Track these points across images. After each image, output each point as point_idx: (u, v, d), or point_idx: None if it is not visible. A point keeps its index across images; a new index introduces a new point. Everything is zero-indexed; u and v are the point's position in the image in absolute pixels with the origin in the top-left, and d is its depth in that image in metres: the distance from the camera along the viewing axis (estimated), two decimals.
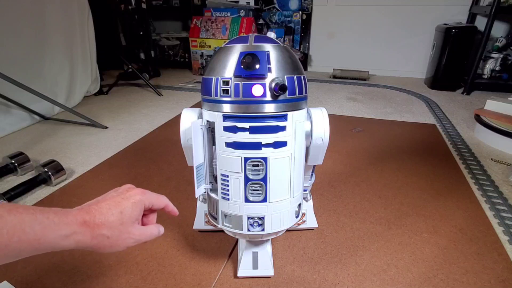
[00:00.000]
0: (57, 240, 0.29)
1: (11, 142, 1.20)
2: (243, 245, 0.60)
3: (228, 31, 2.13)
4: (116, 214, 0.34)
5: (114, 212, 0.34)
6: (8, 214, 0.26)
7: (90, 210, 0.33)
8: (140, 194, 0.37)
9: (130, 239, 0.35)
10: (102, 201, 0.35)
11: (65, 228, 0.30)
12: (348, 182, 0.91)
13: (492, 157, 1.06)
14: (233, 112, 0.42)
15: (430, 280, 0.58)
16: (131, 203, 0.36)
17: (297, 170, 0.47)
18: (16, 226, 0.26)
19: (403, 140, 1.19)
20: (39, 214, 0.28)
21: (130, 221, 0.35)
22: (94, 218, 0.32)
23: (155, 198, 0.39)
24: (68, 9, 1.51)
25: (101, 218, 0.33)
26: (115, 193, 0.36)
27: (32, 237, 0.27)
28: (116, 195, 0.36)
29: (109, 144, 1.18)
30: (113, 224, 0.33)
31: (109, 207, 0.34)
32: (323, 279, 0.59)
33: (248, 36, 0.44)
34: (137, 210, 0.36)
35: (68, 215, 0.31)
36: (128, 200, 0.36)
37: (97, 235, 0.32)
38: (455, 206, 0.80)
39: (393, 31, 2.16)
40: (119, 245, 0.34)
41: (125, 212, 0.35)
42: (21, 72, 1.29)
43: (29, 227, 0.27)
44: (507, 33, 1.94)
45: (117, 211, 0.34)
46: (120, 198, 0.35)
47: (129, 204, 0.35)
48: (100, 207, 0.34)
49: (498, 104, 1.19)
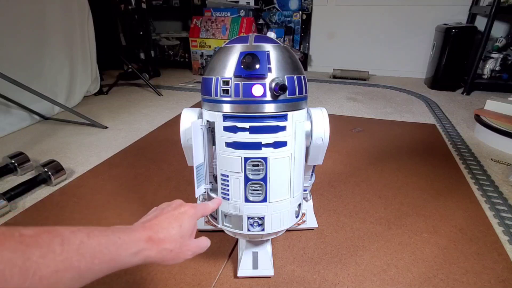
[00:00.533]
0: (128, 258, 0.30)
1: (11, 142, 1.20)
2: (243, 245, 0.60)
3: (228, 31, 2.13)
4: (176, 228, 0.36)
5: (175, 226, 0.36)
6: (88, 238, 0.27)
7: (152, 226, 0.34)
8: (193, 208, 0.40)
9: (189, 251, 0.37)
10: (160, 215, 0.37)
11: (135, 246, 0.31)
12: (348, 182, 0.91)
13: (492, 157, 1.06)
14: (233, 112, 0.42)
15: (430, 280, 0.58)
16: (188, 217, 0.38)
17: (297, 170, 0.47)
18: (96, 248, 0.27)
19: (403, 140, 1.19)
20: (112, 235, 0.29)
21: (188, 234, 0.37)
22: (158, 233, 0.34)
23: (203, 209, 0.43)
24: (68, 9, 1.51)
25: (164, 233, 0.34)
26: (170, 208, 0.38)
27: (108, 258, 0.28)
28: (172, 210, 0.38)
29: (109, 144, 1.18)
30: (174, 237, 0.35)
31: (169, 222, 0.36)
32: (323, 279, 0.59)
33: (248, 36, 0.44)
34: (193, 223, 0.38)
35: (135, 232, 0.32)
36: (185, 215, 0.38)
37: (161, 250, 0.34)
38: (455, 206, 0.80)
39: (393, 31, 2.16)
40: (180, 257, 0.36)
41: (183, 225, 0.37)
42: (21, 72, 1.29)
43: (105, 248, 0.28)
44: (507, 33, 1.94)
45: (177, 225, 0.36)
46: (178, 213, 0.37)
47: (186, 218, 0.38)
48: (161, 222, 0.35)
49: (498, 104, 1.19)
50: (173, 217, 0.37)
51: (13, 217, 0.77)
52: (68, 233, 0.26)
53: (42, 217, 0.76)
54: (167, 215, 0.37)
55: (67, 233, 0.26)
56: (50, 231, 0.25)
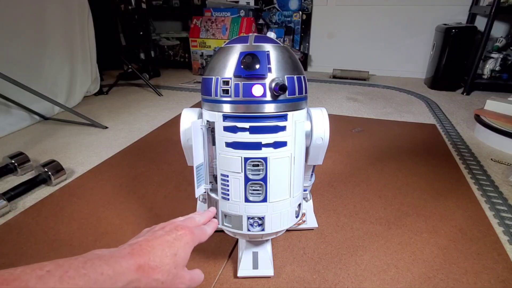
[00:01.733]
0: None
1: (11, 142, 1.20)
2: (243, 245, 0.60)
3: (228, 31, 2.13)
4: (170, 257, 0.31)
5: (169, 254, 0.31)
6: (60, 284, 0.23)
7: (142, 252, 0.30)
8: (190, 233, 0.35)
9: (182, 284, 0.33)
10: (152, 239, 0.32)
11: (121, 279, 0.27)
12: (348, 182, 0.91)
13: (492, 157, 1.06)
14: (233, 112, 0.42)
15: (430, 280, 0.58)
16: (183, 244, 0.33)
17: (297, 170, 0.47)
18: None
19: (403, 140, 1.19)
20: (92, 272, 0.25)
21: (182, 264, 0.33)
22: (149, 260, 0.30)
23: (201, 235, 0.37)
24: (68, 9, 1.51)
25: (156, 261, 0.30)
26: (163, 232, 0.34)
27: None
28: (165, 234, 0.33)
29: (109, 144, 1.18)
30: (167, 267, 0.31)
31: (163, 248, 0.31)
32: (323, 279, 0.59)
33: (248, 36, 0.44)
34: (188, 251, 0.34)
35: (121, 262, 0.28)
36: (180, 241, 0.33)
37: (151, 281, 0.29)
38: (455, 206, 0.80)
39: (393, 31, 2.16)
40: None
41: (178, 254, 0.32)
42: (21, 72, 1.28)
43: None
44: (507, 33, 1.94)
45: (172, 253, 0.32)
46: (172, 238, 0.33)
47: (181, 245, 0.33)
48: (153, 248, 0.31)
49: (498, 104, 1.19)
50: (167, 243, 0.32)
51: (13, 217, 0.77)
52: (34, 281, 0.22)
53: (42, 217, 0.76)
54: (161, 240, 0.32)
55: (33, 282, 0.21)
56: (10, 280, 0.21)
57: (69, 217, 0.77)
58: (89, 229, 0.72)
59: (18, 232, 0.72)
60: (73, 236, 0.70)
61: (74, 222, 0.75)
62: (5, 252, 0.66)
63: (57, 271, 0.23)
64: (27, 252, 0.66)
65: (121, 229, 0.72)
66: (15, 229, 0.73)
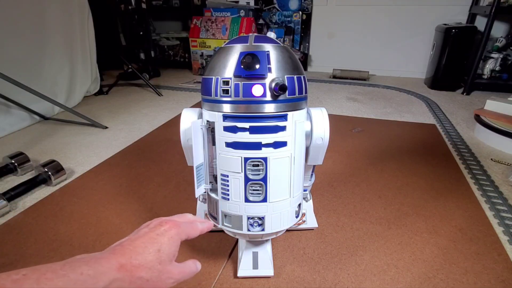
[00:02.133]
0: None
1: (11, 142, 1.20)
2: (243, 245, 0.60)
3: (228, 31, 2.13)
4: (154, 253, 0.30)
5: (151, 251, 0.30)
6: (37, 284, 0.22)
7: (124, 251, 0.29)
8: (175, 227, 0.33)
9: (170, 279, 0.32)
10: (135, 239, 0.31)
11: (103, 278, 0.26)
12: (348, 182, 0.91)
13: (492, 157, 1.06)
14: (233, 112, 0.42)
15: (430, 280, 0.58)
16: (168, 239, 0.32)
17: (297, 170, 0.47)
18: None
19: (403, 140, 1.19)
20: (71, 273, 0.24)
21: (168, 259, 0.32)
22: (131, 259, 0.29)
23: (189, 228, 0.36)
24: (68, 9, 1.51)
25: (138, 259, 0.29)
26: (147, 229, 0.33)
27: None
28: (149, 231, 0.32)
29: (109, 144, 1.18)
30: (151, 264, 0.30)
31: (145, 246, 0.30)
32: (323, 279, 0.59)
33: (248, 36, 0.44)
34: (174, 245, 0.33)
35: (102, 262, 0.27)
36: (163, 236, 0.32)
37: (135, 279, 0.28)
38: (455, 206, 0.80)
39: (393, 31, 2.16)
40: (160, 287, 0.31)
41: (162, 249, 0.31)
42: (21, 72, 1.28)
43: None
44: (507, 33, 1.94)
45: (154, 249, 0.31)
46: (155, 234, 0.32)
47: (165, 240, 0.32)
48: (135, 246, 0.30)
49: (498, 104, 1.19)
50: (150, 240, 0.31)
51: (13, 217, 0.77)
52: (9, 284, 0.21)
53: (42, 217, 0.76)
54: (144, 238, 0.31)
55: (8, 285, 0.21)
56: None
57: (69, 217, 0.77)
58: (89, 229, 0.72)
59: (18, 232, 0.72)
60: (73, 236, 0.70)
61: (74, 222, 0.75)
62: (5, 252, 0.66)
63: (33, 274, 0.23)
64: (27, 252, 0.66)
65: (121, 229, 0.72)
66: (15, 229, 0.73)
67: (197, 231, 0.37)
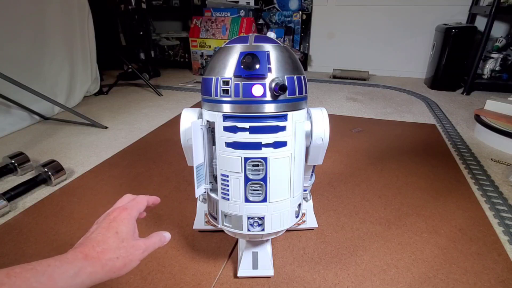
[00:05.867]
0: (68, 282, 0.27)
1: (11, 142, 1.20)
2: (243, 245, 0.60)
3: (228, 31, 2.13)
4: (113, 237, 0.33)
5: (110, 235, 0.33)
6: (8, 278, 0.24)
7: (85, 244, 0.31)
8: (122, 211, 0.36)
9: (138, 250, 0.34)
10: (91, 234, 0.33)
11: (71, 267, 0.28)
12: (348, 182, 0.91)
13: (492, 157, 1.06)
14: (233, 112, 0.42)
15: (430, 280, 0.58)
16: (121, 221, 0.34)
17: (297, 170, 0.47)
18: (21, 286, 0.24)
19: (403, 140, 1.19)
20: (39, 266, 0.26)
21: (129, 237, 0.34)
22: (93, 248, 0.31)
23: (136, 204, 0.38)
24: (68, 9, 1.51)
25: (101, 245, 0.31)
26: (97, 225, 0.35)
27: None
28: (101, 222, 0.35)
29: (109, 144, 1.18)
30: (114, 245, 0.32)
31: (103, 234, 0.33)
32: (323, 279, 0.59)
33: (248, 36, 0.44)
34: (130, 224, 0.35)
35: (67, 255, 0.29)
36: (115, 221, 0.34)
37: (106, 262, 0.30)
38: (455, 206, 0.80)
39: (393, 31, 2.16)
40: (132, 260, 0.33)
41: (120, 230, 0.34)
42: (21, 72, 1.29)
43: (35, 282, 0.25)
44: (507, 33, 1.94)
45: (112, 233, 0.33)
46: (107, 223, 0.34)
47: (118, 224, 0.34)
48: (94, 238, 0.32)
49: (498, 104, 1.19)
50: (104, 228, 0.33)
51: (13, 217, 0.77)
52: None
53: (42, 217, 0.76)
54: (98, 230, 0.33)
55: None
56: None
57: (69, 217, 0.77)
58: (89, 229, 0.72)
59: (18, 232, 0.72)
60: (73, 236, 0.70)
61: (74, 222, 0.75)
62: (5, 252, 0.66)
63: (3, 271, 0.25)
64: (27, 252, 0.66)
65: None
66: (15, 229, 0.73)
67: (142, 203, 0.39)
